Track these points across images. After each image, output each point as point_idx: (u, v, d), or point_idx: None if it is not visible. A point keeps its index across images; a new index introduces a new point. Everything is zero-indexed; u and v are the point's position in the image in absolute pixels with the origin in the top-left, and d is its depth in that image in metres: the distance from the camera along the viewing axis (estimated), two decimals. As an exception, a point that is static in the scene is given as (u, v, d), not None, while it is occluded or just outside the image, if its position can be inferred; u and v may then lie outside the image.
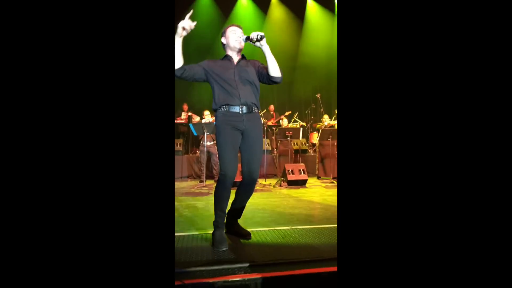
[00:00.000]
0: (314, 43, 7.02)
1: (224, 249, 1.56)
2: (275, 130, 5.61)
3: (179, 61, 1.60)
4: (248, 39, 1.69)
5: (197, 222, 2.20)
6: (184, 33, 1.54)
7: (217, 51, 5.53)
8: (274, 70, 1.70)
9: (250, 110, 1.69)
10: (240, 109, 1.67)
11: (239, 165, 1.73)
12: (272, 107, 6.29)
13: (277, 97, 6.93)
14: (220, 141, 1.65)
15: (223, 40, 1.79)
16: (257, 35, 1.63)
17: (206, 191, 3.76)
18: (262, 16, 6.82)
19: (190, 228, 2.04)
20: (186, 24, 1.52)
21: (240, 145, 1.70)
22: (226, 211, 1.72)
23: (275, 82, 1.74)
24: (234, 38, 1.74)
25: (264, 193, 3.59)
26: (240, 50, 1.77)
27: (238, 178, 1.78)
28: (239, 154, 1.71)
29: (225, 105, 1.67)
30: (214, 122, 1.75)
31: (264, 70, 1.74)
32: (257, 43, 1.65)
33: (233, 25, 1.80)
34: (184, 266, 1.32)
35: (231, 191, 1.69)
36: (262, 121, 1.82)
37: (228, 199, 1.69)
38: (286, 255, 1.45)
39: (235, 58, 1.77)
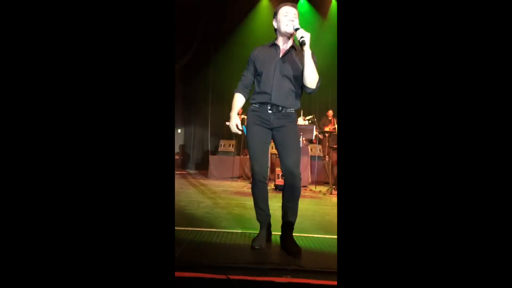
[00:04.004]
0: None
1: (257, 247, 1.55)
2: (328, 136, 5.42)
3: (242, 99, 1.68)
4: (297, 30, 1.49)
5: (244, 221, 2.22)
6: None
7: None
8: (307, 80, 1.53)
9: (279, 111, 1.58)
10: (270, 108, 1.58)
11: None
12: (330, 112, 6.03)
13: (332, 102, 6.70)
14: (248, 138, 1.62)
15: (274, 23, 1.60)
16: (300, 38, 1.44)
17: (255, 192, 3.79)
18: (320, 19, 6.70)
19: (238, 226, 2.06)
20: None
21: (275, 144, 1.63)
22: (268, 211, 1.68)
23: (307, 92, 1.60)
24: (285, 22, 1.53)
25: (314, 200, 3.49)
26: (291, 36, 1.56)
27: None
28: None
29: (256, 103, 1.61)
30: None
31: None
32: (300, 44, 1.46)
33: (286, 4, 1.56)
34: (227, 261, 1.33)
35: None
36: (296, 119, 1.64)
37: (264, 197, 1.65)
38: (334, 265, 1.38)
39: (284, 46, 1.60)
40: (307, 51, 1.48)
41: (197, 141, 6.94)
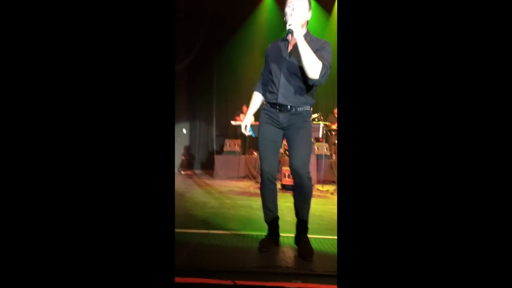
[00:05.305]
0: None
1: (264, 250, 1.50)
2: (335, 134, 5.34)
3: (259, 98, 1.66)
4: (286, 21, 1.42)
5: (251, 222, 2.17)
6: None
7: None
8: (307, 70, 1.40)
9: (288, 110, 1.51)
10: (278, 108, 1.53)
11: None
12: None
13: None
14: (258, 137, 1.59)
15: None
16: (288, 26, 1.36)
17: (262, 192, 3.74)
18: (326, 16, 6.61)
19: (245, 227, 2.01)
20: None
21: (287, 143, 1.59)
22: (277, 212, 1.64)
23: (310, 84, 1.46)
24: (287, 13, 1.44)
25: (321, 199, 3.42)
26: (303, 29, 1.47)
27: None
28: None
29: (268, 103, 1.58)
30: None
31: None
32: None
33: None
34: (234, 266, 1.28)
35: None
36: (309, 116, 1.56)
37: (272, 197, 1.61)
38: (346, 268, 1.32)
39: (294, 40, 1.45)
40: (298, 40, 1.37)
41: (202, 141, 6.90)
